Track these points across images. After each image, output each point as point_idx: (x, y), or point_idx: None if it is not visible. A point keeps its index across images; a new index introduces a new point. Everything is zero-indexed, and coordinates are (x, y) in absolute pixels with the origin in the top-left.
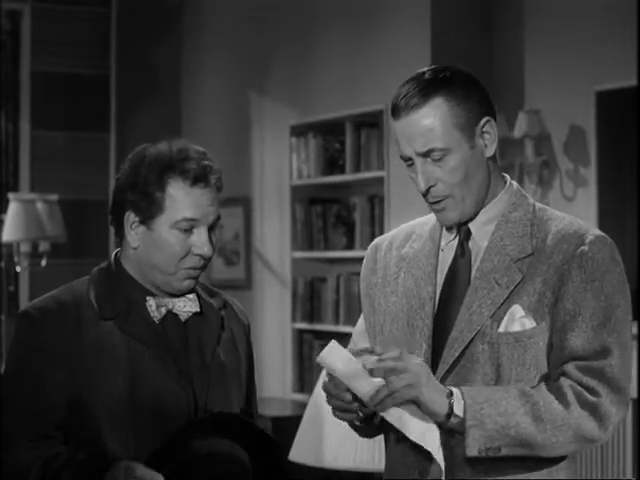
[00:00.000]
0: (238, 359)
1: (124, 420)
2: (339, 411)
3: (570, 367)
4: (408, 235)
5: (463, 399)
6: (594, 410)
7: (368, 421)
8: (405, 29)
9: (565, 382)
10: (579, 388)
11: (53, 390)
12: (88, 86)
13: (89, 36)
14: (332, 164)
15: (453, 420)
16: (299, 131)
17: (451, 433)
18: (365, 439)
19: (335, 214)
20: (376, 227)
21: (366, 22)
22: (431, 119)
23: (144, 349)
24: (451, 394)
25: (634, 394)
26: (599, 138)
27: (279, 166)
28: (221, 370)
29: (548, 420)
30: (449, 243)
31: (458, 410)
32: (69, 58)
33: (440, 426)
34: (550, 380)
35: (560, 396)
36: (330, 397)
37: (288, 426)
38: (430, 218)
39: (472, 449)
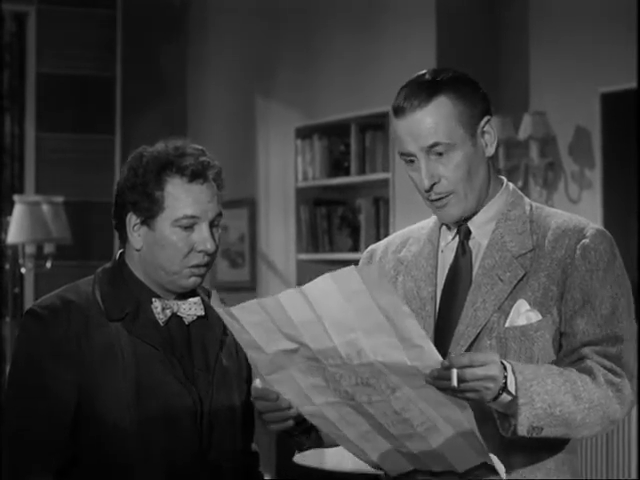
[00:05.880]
0: (239, 364)
1: (130, 421)
2: (274, 422)
3: (588, 351)
4: (404, 240)
5: (514, 375)
6: (619, 391)
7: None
8: (410, 31)
9: (593, 364)
10: (604, 369)
11: (62, 388)
12: (93, 88)
13: (95, 38)
14: (337, 166)
15: (506, 397)
16: (304, 133)
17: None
18: None
19: (340, 216)
20: (381, 229)
21: (371, 24)
22: (436, 116)
23: (151, 351)
24: (504, 368)
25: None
26: (604, 140)
27: (284, 168)
28: (224, 375)
29: (586, 400)
30: (448, 244)
31: (511, 386)
32: (74, 60)
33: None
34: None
35: (592, 376)
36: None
37: None
38: (427, 222)
39: (523, 428)
